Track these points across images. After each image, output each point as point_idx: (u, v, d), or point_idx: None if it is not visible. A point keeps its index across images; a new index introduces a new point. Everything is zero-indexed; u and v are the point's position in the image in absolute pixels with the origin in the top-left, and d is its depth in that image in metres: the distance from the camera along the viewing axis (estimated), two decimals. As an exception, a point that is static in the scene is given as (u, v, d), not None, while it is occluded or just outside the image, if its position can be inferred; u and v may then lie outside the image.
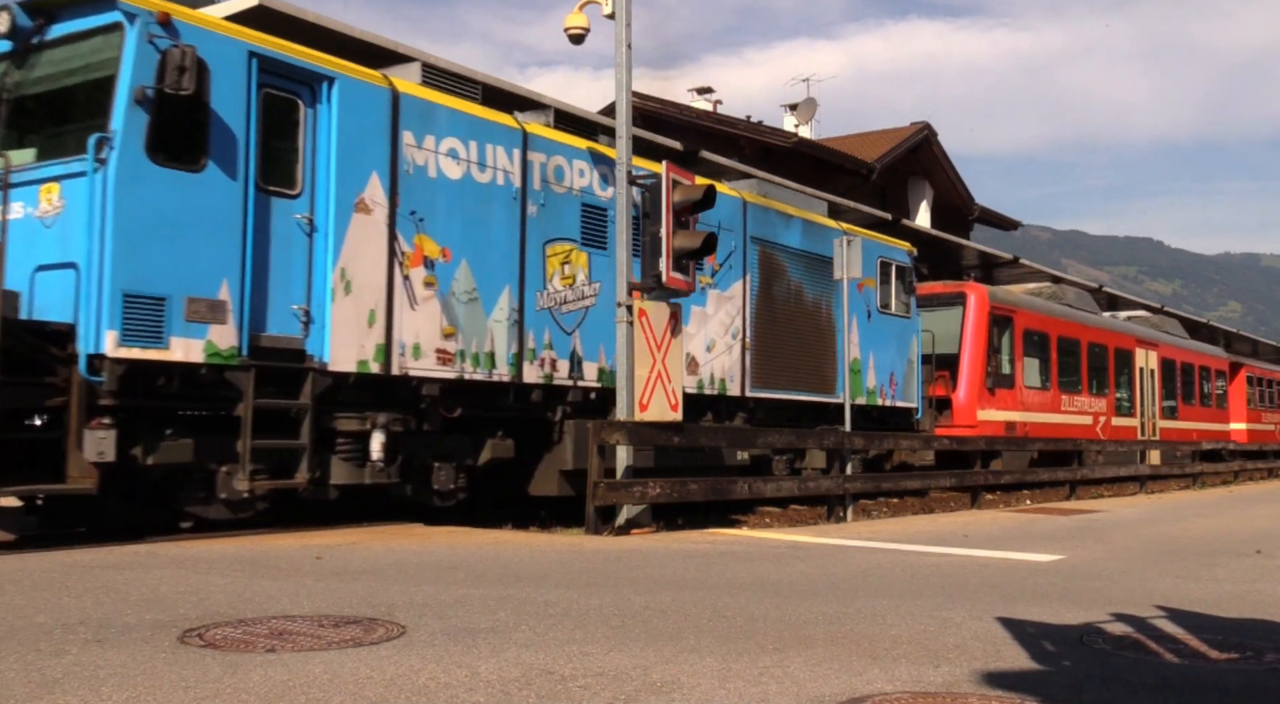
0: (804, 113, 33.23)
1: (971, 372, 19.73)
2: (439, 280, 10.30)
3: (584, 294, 11.83)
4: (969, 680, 4.15)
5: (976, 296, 20.19)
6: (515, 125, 11.23)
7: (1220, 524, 13.48)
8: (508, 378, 10.90)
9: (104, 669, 3.97)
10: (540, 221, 11.32)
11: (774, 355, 14.42)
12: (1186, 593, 6.84)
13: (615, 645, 4.66)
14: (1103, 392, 24.63)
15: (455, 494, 10.63)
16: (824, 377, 15.34)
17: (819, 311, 15.45)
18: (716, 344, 13.39)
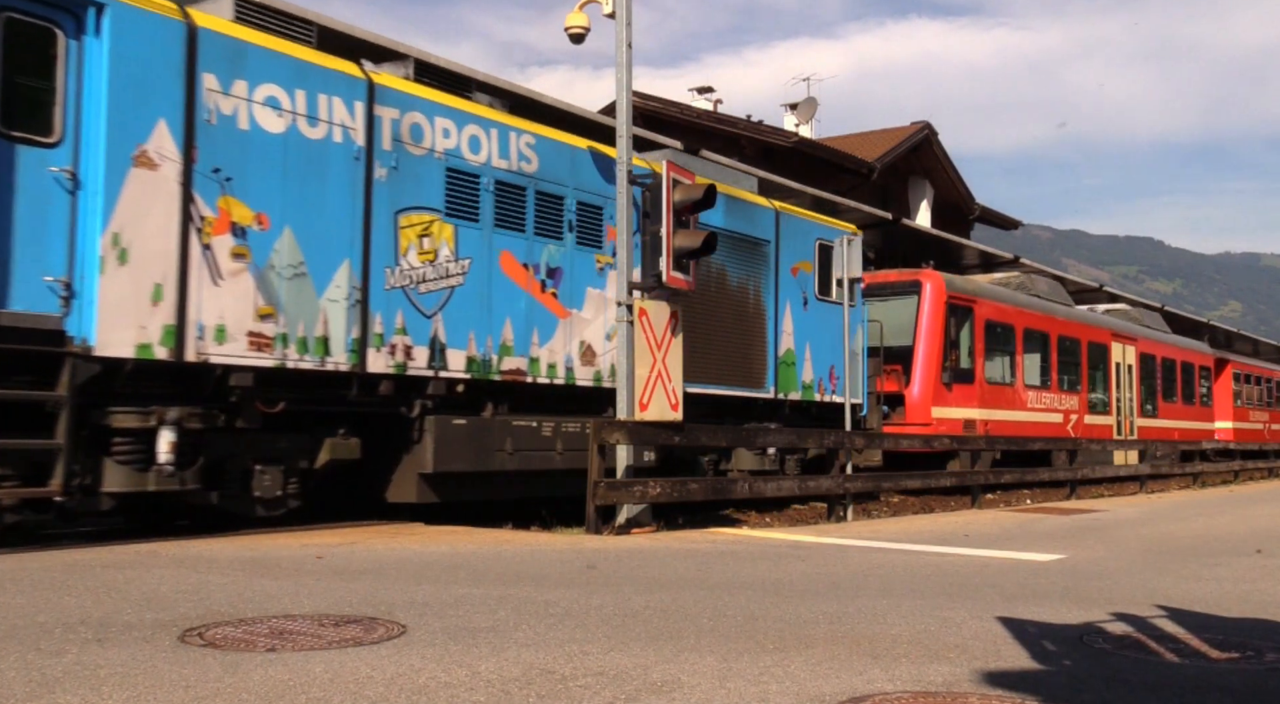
0: (804, 112, 33.24)
1: (926, 366, 18.46)
2: (253, 251, 8.78)
3: (449, 272, 10.41)
4: (969, 680, 4.15)
5: (932, 285, 18.91)
6: (359, 74, 9.77)
7: (1221, 524, 13.47)
8: (346, 367, 9.50)
9: (104, 669, 3.97)
10: (391, 187, 9.92)
11: (692, 346, 12.89)
12: (1187, 592, 6.84)
13: (615, 645, 4.66)
14: (1075, 388, 23.47)
15: (284, 502, 9.30)
16: (751, 369, 13.98)
17: (746, 298, 14.04)
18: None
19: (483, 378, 10.68)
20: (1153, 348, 28.05)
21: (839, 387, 15.68)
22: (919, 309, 18.70)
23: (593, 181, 11.97)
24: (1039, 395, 21.89)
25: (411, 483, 10.21)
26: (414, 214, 10.16)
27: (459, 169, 10.58)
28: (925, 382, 18.37)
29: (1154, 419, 27.57)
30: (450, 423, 10.28)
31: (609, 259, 11.92)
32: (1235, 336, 41.70)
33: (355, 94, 9.68)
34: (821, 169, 28.39)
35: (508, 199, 11.01)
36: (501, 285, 10.92)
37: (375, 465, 10.30)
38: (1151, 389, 27.79)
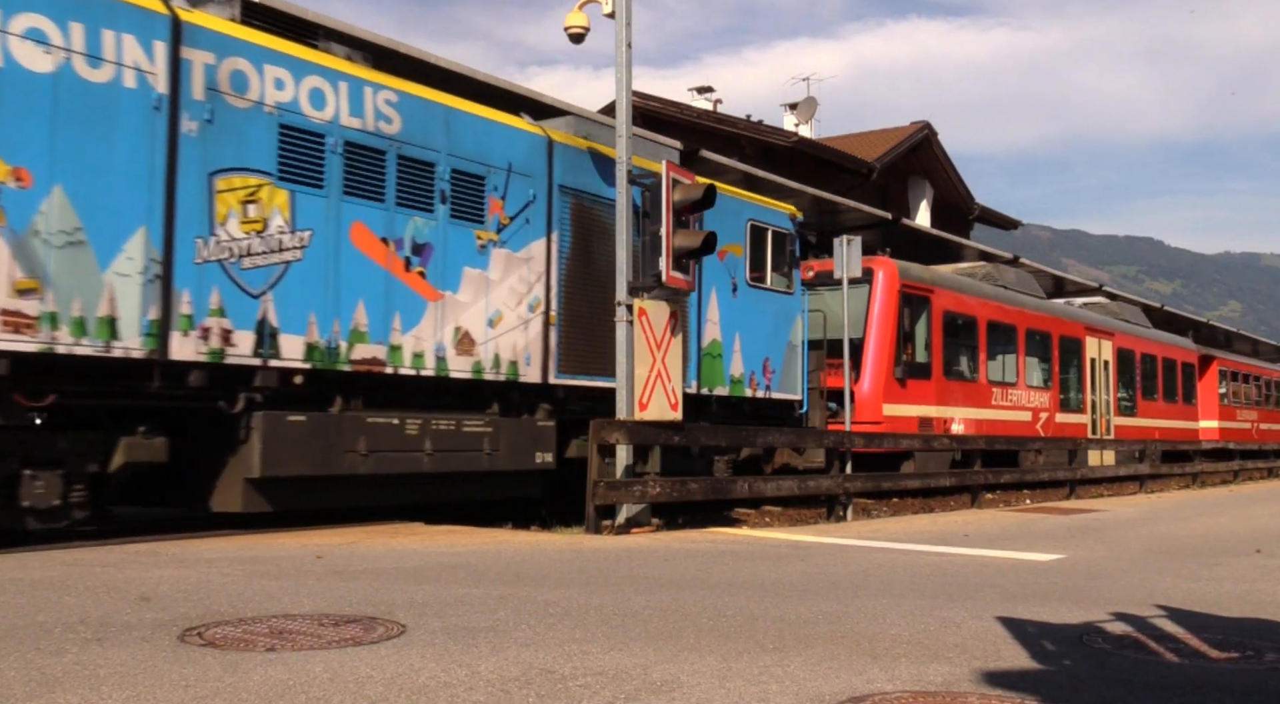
0: (804, 112, 33.24)
1: (878, 359, 17.10)
2: (8, 213, 7.41)
3: (281, 245, 9.03)
4: (969, 679, 4.15)
5: (885, 272, 17.59)
6: (160, 9, 8.32)
7: (1220, 523, 13.48)
8: (141, 353, 8.09)
9: (104, 668, 3.97)
10: (205, 143, 8.53)
11: (594, 333, 11.60)
12: (1187, 592, 6.84)
13: (615, 644, 4.66)
14: (1045, 384, 22.18)
15: (65, 512, 7.86)
16: None
17: None
18: (505, 317, 10.80)
19: (328, 368, 9.29)
20: (1132, 343, 26.76)
21: (775, 381, 14.48)
22: (870, 298, 17.37)
23: (474, 147, 10.67)
24: (1005, 392, 20.58)
25: (237, 489, 8.86)
26: (235, 176, 8.74)
27: (296, 126, 9.17)
28: (876, 377, 17.05)
29: (1133, 418, 26.32)
30: (283, 420, 8.93)
31: (492, 235, 10.72)
32: (1235, 336, 41.71)
33: (154, 32, 8.21)
34: (821, 169, 28.39)
35: (361, 163, 9.61)
36: (353, 262, 9.53)
37: (195, 469, 9.00)
38: (1130, 386, 26.55)
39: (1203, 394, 32.04)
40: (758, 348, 14.21)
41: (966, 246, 25.68)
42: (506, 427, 10.85)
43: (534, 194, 11.25)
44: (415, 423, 9.97)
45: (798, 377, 14.93)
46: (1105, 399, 24.76)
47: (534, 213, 11.25)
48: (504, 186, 10.87)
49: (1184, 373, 30.22)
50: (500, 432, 10.77)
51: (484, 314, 10.74)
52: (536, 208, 11.30)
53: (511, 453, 10.79)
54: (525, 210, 11.13)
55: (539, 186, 11.32)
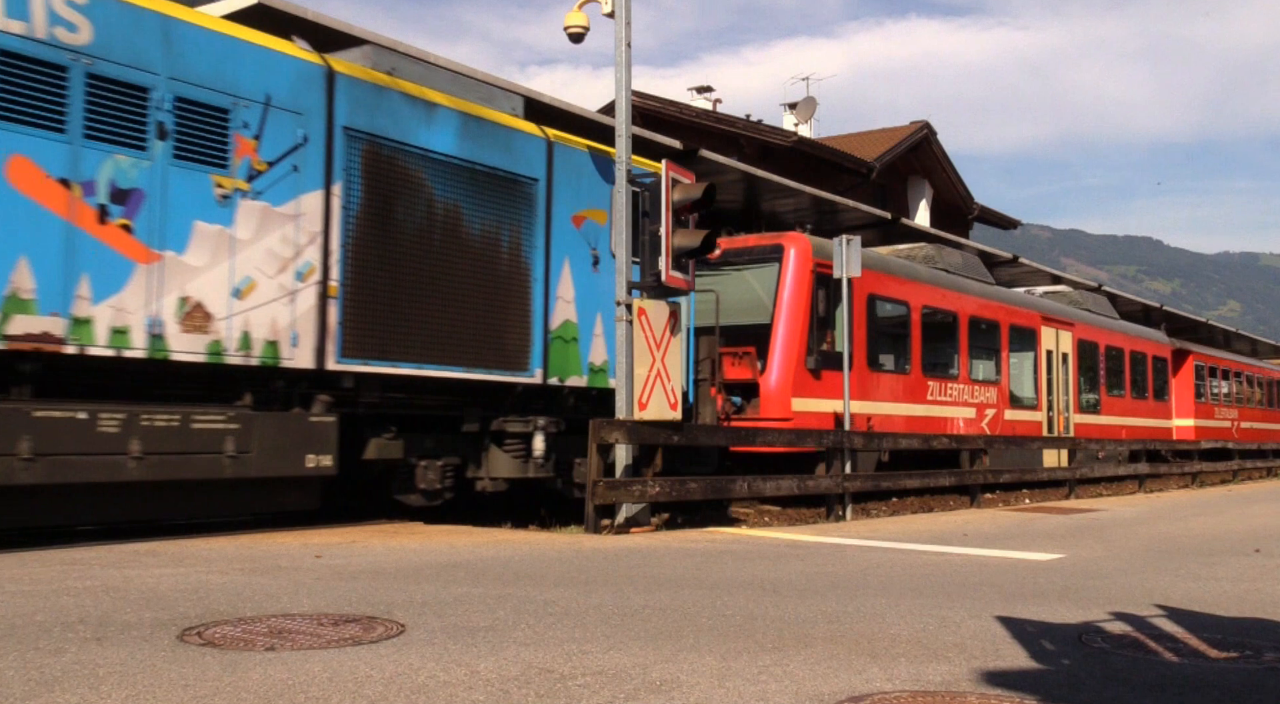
0: (804, 112, 33.25)
1: (787, 348, 15.03)
2: None
3: None
4: (968, 679, 4.15)
5: (797, 250, 15.50)
6: None
7: (1219, 523, 13.48)
8: None
9: (103, 667, 3.97)
10: None
11: (399, 310, 9.88)
12: (1186, 592, 6.84)
13: (614, 644, 4.66)
14: (992, 378, 20.11)
15: None
16: (503, 345, 10.79)
17: (497, 251, 10.79)
18: (259, 286, 8.83)
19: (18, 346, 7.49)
20: (1094, 334, 24.65)
21: None
22: (779, 279, 15.28)
23: (211, 72, 8.65)
24: (944, 386, 18.46)
25: None
26: None
27: None
28: (785, 367, 14.98)
29: (1095, 415, 24.35)
30: None
31: (240, 184, 8.74)
32: (1234, 336, 41.72)
33: None
34: (821, 169, 28.40)
35: (24, 80, 7.58)
36: (9, 206, 7.51)
37: None
38: (1093, 381, 24.46)
39: (1178, 390, 30.22)
40: None
41: (966, 246, 25.68)
42: (262, 423, 8.82)
43: (305, 136, 9.20)
44: (115, 418, 7.92)
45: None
46: (1064, 395, 22.82)
47: (306, 159, 9.19)
48: (259, 124, 8.85)
49: (1155, 367, 28.24)
50: (253, 429, 8.72)
51: (227, 282, 8.66)
52: (309, 153, 9.21)
53: (270, 455, 8.81)
54: (292, 155, 9.11)
55: (314, 127, 9.26)
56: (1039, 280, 28.07)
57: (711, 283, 15.16)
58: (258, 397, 8.95)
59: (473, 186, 10.63)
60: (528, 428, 11.06)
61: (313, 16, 12.32)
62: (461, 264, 10.46)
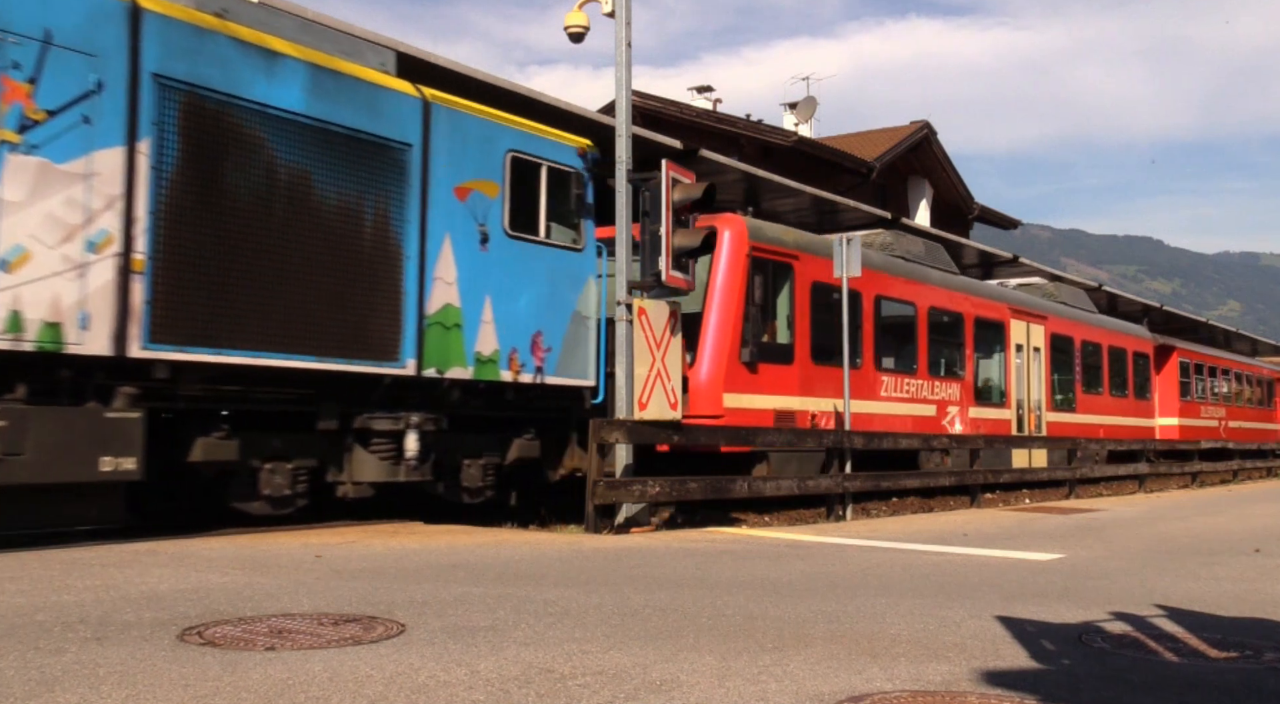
0: (804, 111, 33.26)
1: (719, 339, 13.71)
2: None
3: None
4: (968, 679, 4.15)
5: (732, 233, 14.09)
6: None
7: (1219, 523, 13.49)
8: None
9: (103, 667, 3.98)
10: None
11: (228, 290, 8.52)
12: (1186, 592, 6.84)
13: (614, 644, 4.66)
14: (955, 374, 18.77)
15: None
16: (366, 332, 9.56)
17: (359, 225, 9.55)
18: (34, 257, 7.50)
19: None
20: (1070, 328, 23.38)
21: (550, 362, 11.27)
22: (712, 264, 14.01)
23: None
24: (900, 382, 17.17)
25: None
26: None
27: None
28: (716, 360, 13.68)
29: (1070, 413, 23.10)
30: None
31: (7, 136, 7.40)
32: (1234, 336, 41.72)
33: None
34: (821, 168, 28.41)
35: None
36: None
37: None
38: (1068, 378, 23.28)
39: (1161, 388, 28.75)
40: (523, 318, 10.96)
41: (966, 246, 25.68)
42: (40, 420, 7.49)
43: (100, 82, 7.87)
44: None
45: (590, 357, 11.72)
46: (1035, 392, 21.58)
47: (101, 109, 7.90)
48: (34, 65, 7.57)
49: (1136, 364, 26.83)
50: (26, 427, 7.39)
51: None
52: (105, 102, 7.91)
53: (50, 458, 7.52)
54: (81, 104, 7.85)
55: (111, 72, 7.94)
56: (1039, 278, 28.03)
57: None
58: (34, 389, 7.62)
59: (327, 150, 9.31)
60: (398, 425, 9.85)
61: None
62: (313, 238, 9.16)
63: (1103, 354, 24.82)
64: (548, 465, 11.73)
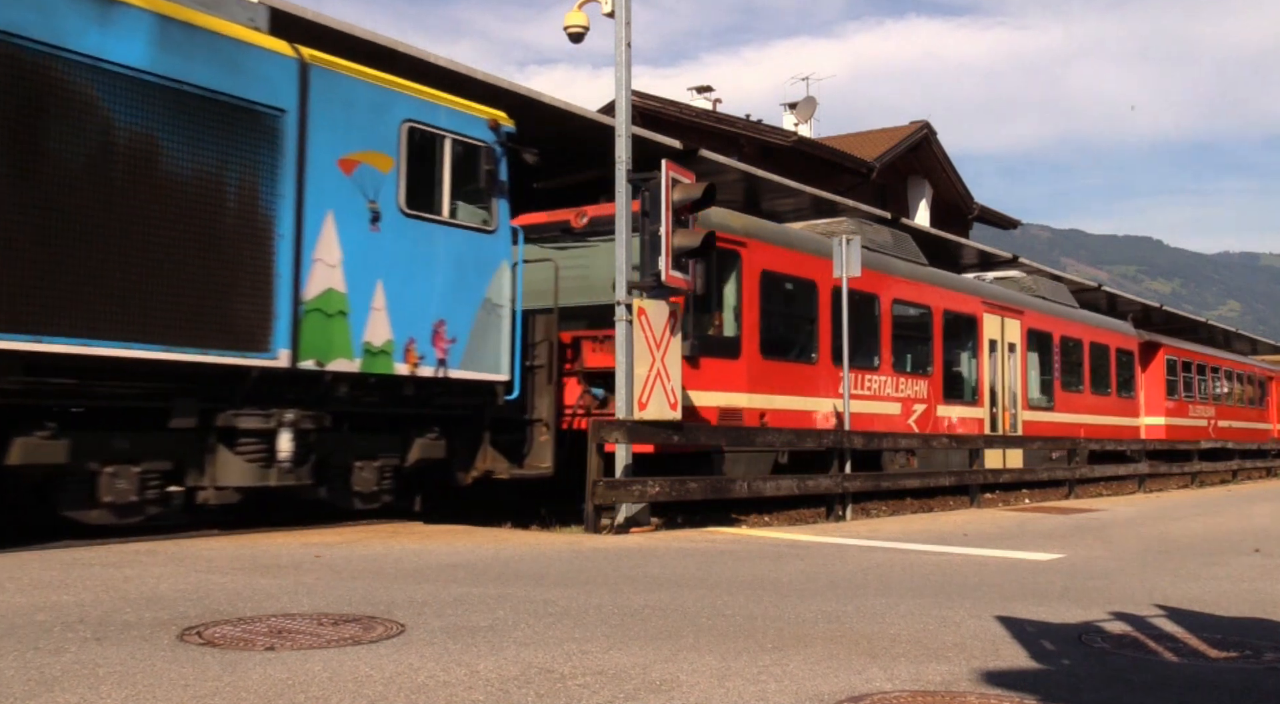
0: (803, 111, 33.27)
1: None
2: None
3: None
4: (968, 679, 4.15)
5: None
6: None
7: (1219, 523, 13.49)
8: None
9: (103, 667, 3.97)
10: None
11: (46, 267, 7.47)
12: (1185, 592, 6.84)
13: (614, 644, 4.66)
14: (922, 370, 17.83)
15: None
16: (229, 318, 8.53)
17: (220, 198, 8.49)
18: None
19: None
20: (1048, 324, 22.43)
21: (455, 354, 10.20)
22: None
23: None
24: (860, 379, 16.17)
25: None
26: None
27: None
28: None
29: (1048, 412, 22.12)
30: None
31: None
32: (1234, 336, 41.74)
33: None
34: (821, 169, 28.41)
35: None
36: None
37: None
38: (1047, 375, 22.33)
39: (1147, 386, 27.74)
40: (422, 306, 9.98)
41: (965, 246, 25.69)
42: None
43: None
44: None
45: (503, 349, 10.72)
46: (1011, 389, 20.56)
47: None
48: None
49: (1120, 361, 25.82)
50: None
51: None
52: None
53: None
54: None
55: None
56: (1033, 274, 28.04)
57: (580, 256, 13.22)
58: None
59: (179, 114, 8.23)
60: (269, 423, 8.85)
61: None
62: (159, 212, 8.07)
63: (1084, 351, 23.95)
64: (458, 467, 10.73)
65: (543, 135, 13.09)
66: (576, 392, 12.37)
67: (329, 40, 11.48)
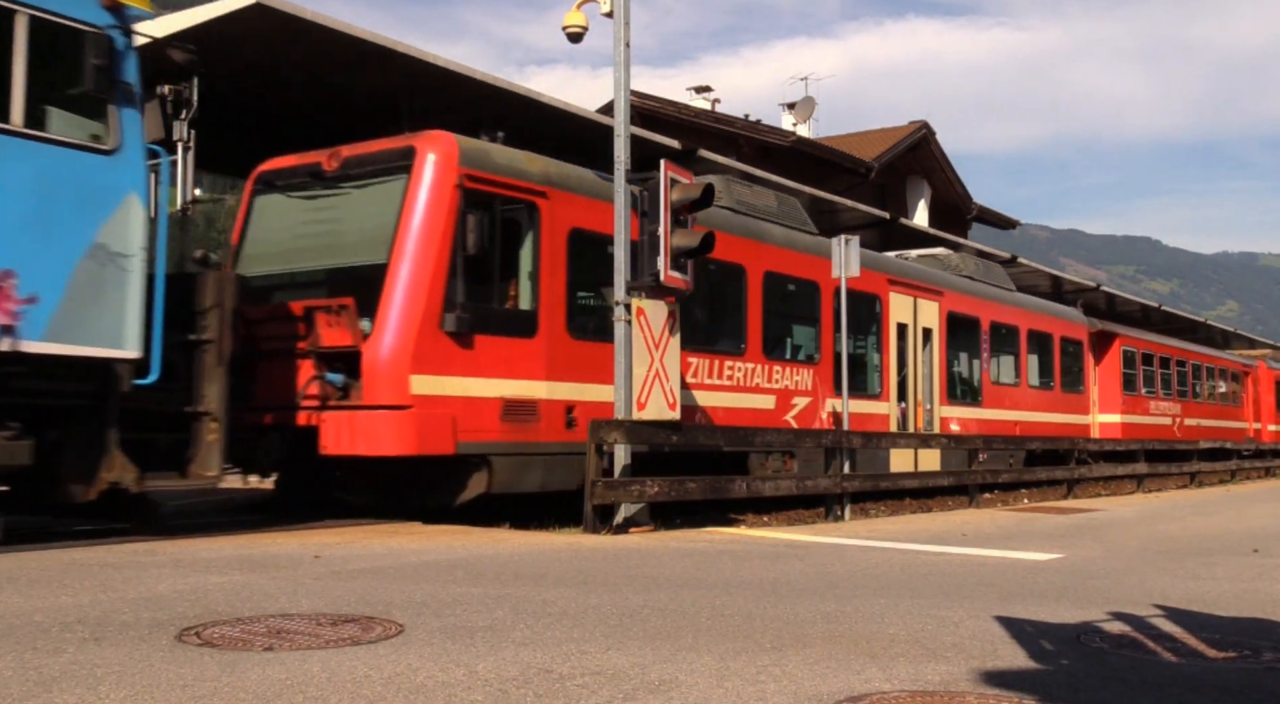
0: (802, 112, 33.26)
1: (409, 300, 10.09)
2: None
3: None
4: (967, 679, 4.15)
5: (438, 157, 10.46)
6: None
7: (1217, 523, 13.50)
8: None
9: (101, 668, 3.97)
10: None
11: None
12: (1184, 592, 6.84)
13: (613, 644, 4.65)
14: (806, 357, 15.46)
15: None
16: None
17: None
18: None
19: None
20: (973, 307, 19.81)
21: (40, 320, 7.52)
22: (405, 198, 10.42)
23: None
24: (717, 365, 13.66)
25: None
26: None
27: None
28: (403, 328, 10.02)
29: (974, 407, 19.62)
30: None
31: None
32: (1233, 336, 41.77)
33: None
34: (819, 169, 28.41)
35: None
36: None
37: None
38: (972, 366, 19.89)
39: (1101, 380, 25.44)
40: None
41: (964, 246, 25.71)
42: None
43: None
44: None
45: (128, 315, 8.04)
46: (926, 381, 18.08)
47: None
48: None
49: (1066, 351, 23.39)
50: None
51: None
52: None
53: None
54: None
55: None
56: (1038, 280, 28.05)
57: (329, 207, 10.96)
58: None
59: None
60: None
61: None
62: None
63: (1020, 339, 21.48)
64: (71, 477, 7.94)
65: (542, 135, 13.10)
66: (308, 376, 10.11)
67: (327, 39, 11.48)
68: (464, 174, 10.54)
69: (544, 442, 11.02)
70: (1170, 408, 28.54)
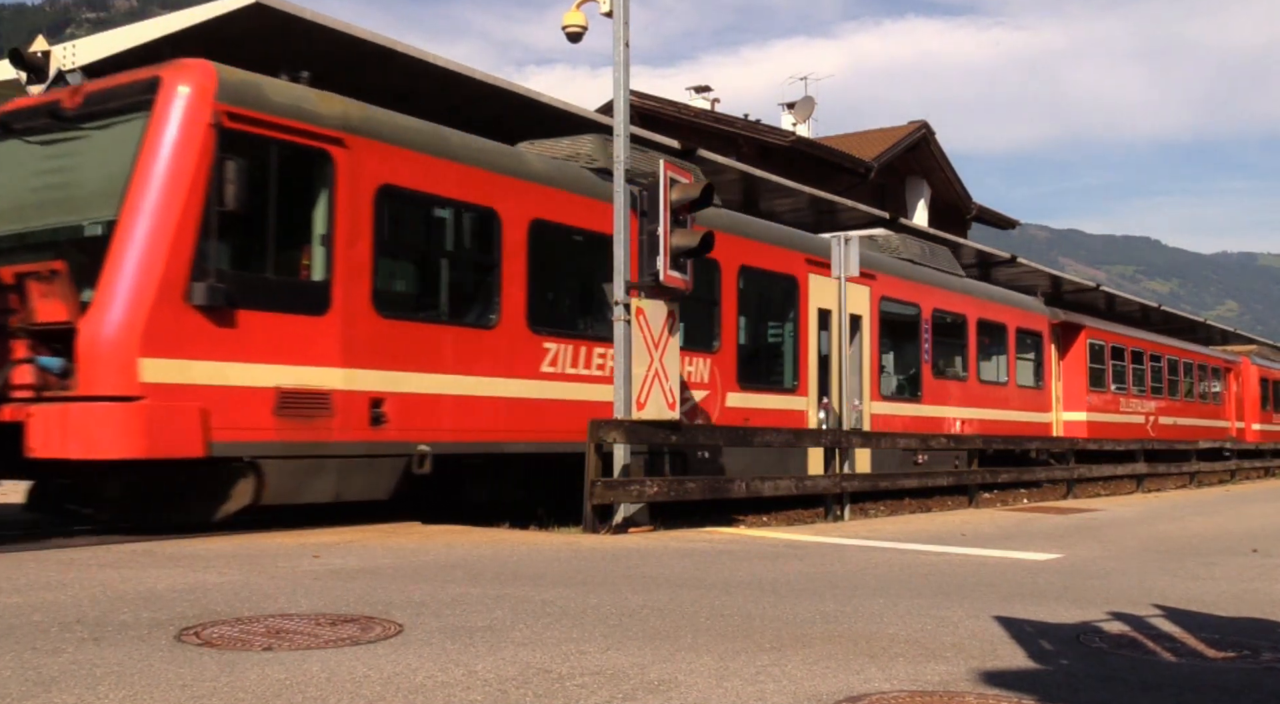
0: (802, 111, 33.28)
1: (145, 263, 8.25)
2: None
3: None
4: (966, 679, 4.15)
5: (192, 89, 8.61)
6: None
7: (1216, 523, 13.50)
8: None
9: (100, 668, 3.97)
10: None
11: None
12: (1183, 592, 6.84)
13: (612, 644, 4.65)
14: (702, 345, 13.60)
15: None
16: None
17: None
18: None
19: None
20: (914, 293, 18.00)
21: None
22: (143, 141, 8.55)
23: None
24: (586, 352, 11.97)
25: None
26: None
27: None
28: (134, 299, 8.20)
29: (911, 404, 17.92)
30: None
31: None
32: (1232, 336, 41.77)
33: None
34: (819, 169, 28.42)
35: None
36: None
37: None
38: (909, 358, 18.12)
39: (1066, 376, 23.86)
40: None
41: (964, 246, 25.71)
42: None
43: None
44: None
45: None
46: (852, 375, 15.96)
47: None
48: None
49: (1023, 344, 21.65)
50: None
51: None
52: None
53: None
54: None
55: None
56: (1038, 280, 28.07)
57: (64, 153, 9.09)
58: None
59: None
60: None
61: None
62: None
63: (968, 330, 19.67)
64: None
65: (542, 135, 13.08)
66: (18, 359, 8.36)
67: (326, 39, 11.48)
68: (223, 111, 8.68)
69: (339, 441, 9.25)
70: (1143, 406, 26.84)
